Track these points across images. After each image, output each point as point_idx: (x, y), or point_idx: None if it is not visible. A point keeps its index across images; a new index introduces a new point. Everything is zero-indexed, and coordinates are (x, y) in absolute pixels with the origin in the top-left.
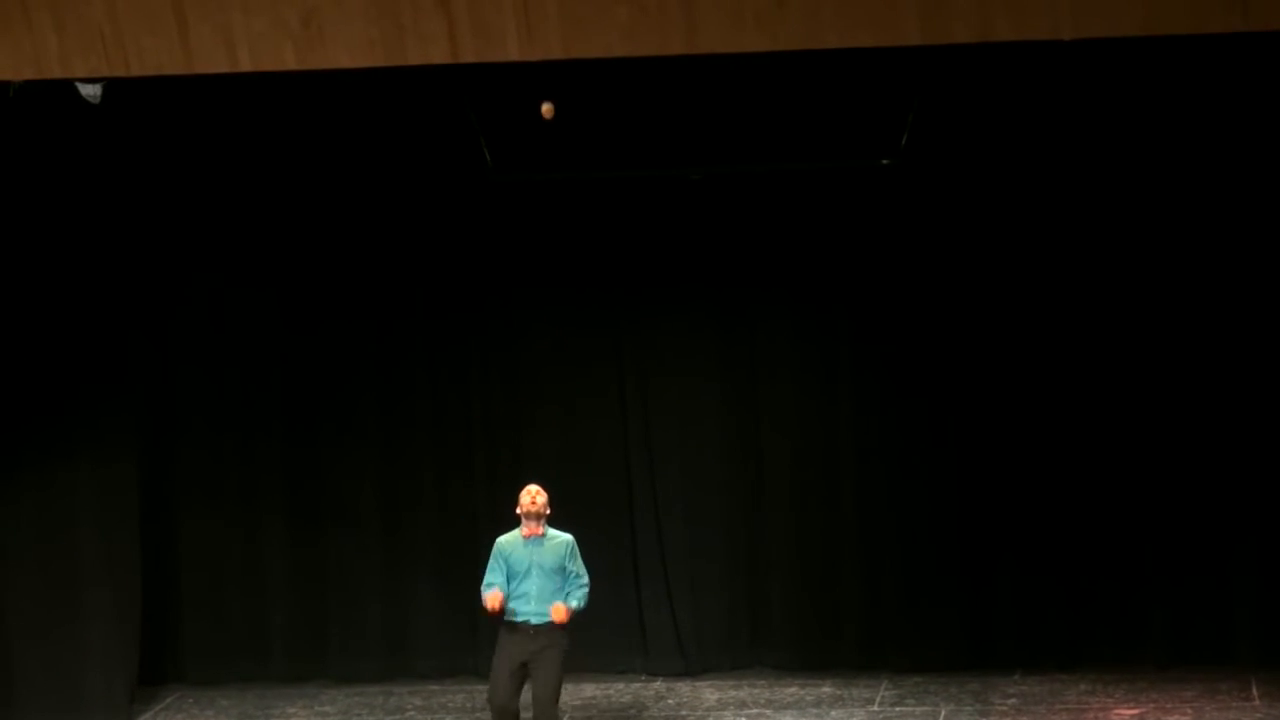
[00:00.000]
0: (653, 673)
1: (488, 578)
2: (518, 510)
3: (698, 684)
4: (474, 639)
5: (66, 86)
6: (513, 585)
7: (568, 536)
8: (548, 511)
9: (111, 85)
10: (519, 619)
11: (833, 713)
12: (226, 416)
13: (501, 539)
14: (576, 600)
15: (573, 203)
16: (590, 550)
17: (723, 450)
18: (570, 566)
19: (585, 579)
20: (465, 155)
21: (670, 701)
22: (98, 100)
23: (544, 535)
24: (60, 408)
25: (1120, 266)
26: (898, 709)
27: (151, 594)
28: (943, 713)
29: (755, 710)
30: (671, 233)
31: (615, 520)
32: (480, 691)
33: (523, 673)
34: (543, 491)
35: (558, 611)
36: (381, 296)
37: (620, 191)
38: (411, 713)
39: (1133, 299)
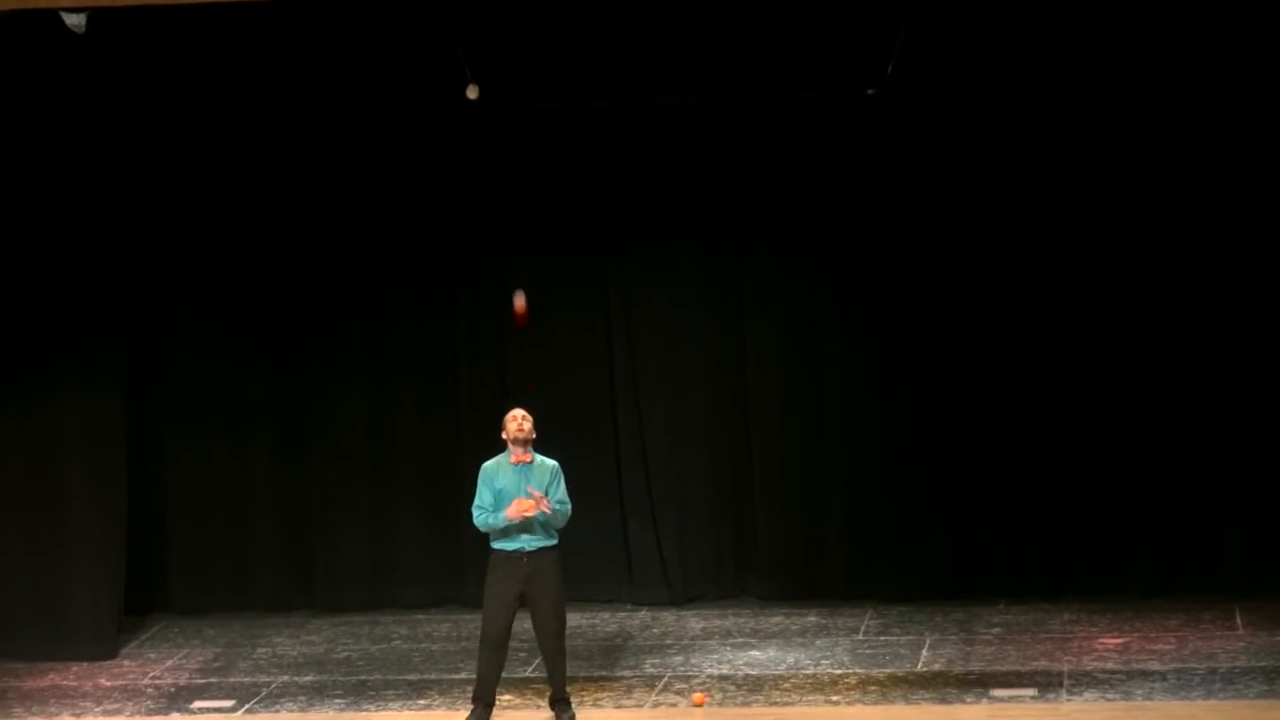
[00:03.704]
0: (638, 602)
1: (479, 502)
2: (503, 435)
3: (683, 613)
4: (459, 569)
5: (50, 16)
6: None
7: (553, 462)
8: (534, 436)
9: (95, 14)
10: (512, 548)
11: (817, 642)
12: (213, 347)
13: (487, 464)
14: (558, 506)
15: (558, 132)
16: (576, 480)
17: (708, 379)
18: (554, 493)
19: (568, 505)
20: (451, 85)
21: (655, 631)
22: (82, 30)
23: (532, 462)
24: (48, 338)
25: (1108, 195)
26: (882, 638)
27: (138, 524)
28: (927, 642)
29: (740, 639)
30: (657, 162)
31: (601, 450)
32: (467, 621)
33: (519, 603)
34: (529, 416)
35: (537, 494)
36: (367, 227)
37: (606, 121)
38: (397, 641)
39: (1119, 229)
